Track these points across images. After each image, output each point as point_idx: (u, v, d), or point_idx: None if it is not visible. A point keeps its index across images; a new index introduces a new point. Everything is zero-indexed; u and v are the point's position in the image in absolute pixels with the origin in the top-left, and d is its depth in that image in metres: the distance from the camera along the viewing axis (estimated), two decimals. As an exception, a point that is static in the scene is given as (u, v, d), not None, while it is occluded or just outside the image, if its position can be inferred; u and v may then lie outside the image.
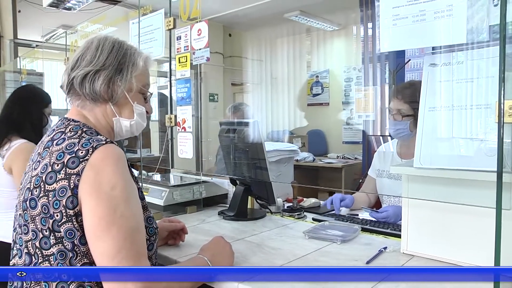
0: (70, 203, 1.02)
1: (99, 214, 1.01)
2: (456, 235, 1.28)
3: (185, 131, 2.05)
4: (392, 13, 1.28)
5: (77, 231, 1.03)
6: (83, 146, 1.07)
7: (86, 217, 1.03)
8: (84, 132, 1.14)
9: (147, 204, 1.27)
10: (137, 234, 1.06)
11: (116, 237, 1.01)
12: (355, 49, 5.93)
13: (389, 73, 4.78)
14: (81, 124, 1.18)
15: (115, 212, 1.02)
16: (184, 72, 2.07)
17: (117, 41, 1.24)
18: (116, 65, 1.20)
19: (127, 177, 1.09)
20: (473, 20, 1.14)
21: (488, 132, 1.18)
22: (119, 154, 1.10)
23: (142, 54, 1.27)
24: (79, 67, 1.19)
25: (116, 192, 1.03)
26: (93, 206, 1.02)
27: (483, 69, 1.22)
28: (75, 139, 1.11)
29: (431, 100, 1.32)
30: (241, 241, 1.61)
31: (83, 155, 1.05)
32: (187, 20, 2.04)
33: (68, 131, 1.15)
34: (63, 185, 1.03)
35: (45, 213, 1.05)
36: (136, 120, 1.28)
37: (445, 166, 1.24)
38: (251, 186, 2.01)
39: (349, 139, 6.22)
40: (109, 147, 1.09)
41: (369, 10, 5.14)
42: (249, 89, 7.30)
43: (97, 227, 1.02)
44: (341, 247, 1.52)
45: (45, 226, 1.05)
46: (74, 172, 1.03)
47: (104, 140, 1.10)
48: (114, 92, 1.20)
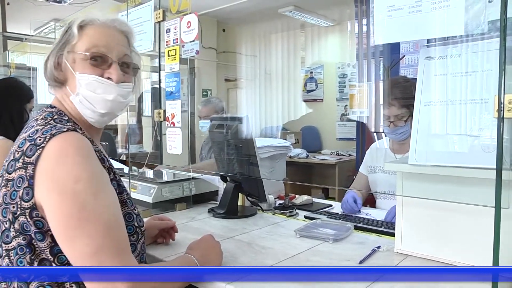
0: (25, 195, 0.95)
1: (67, 212, 0.93)
2: (452, 234, 1.24)
3: (174, 126, 1.99)
4: (387, 3, 1.23)
5: (31, 226, 0.96)
6: (43, 133, 0.99)
7: (52, 216, 0.95)
8: (53, 119, 1.07)
9: (132, 200, 1.20)
10: (115, 228, 0.99)
11: (92, 234, 0.93)
12: (350, 45, 5.90)
13: (383, 69, 4.74)
14: (54, 111, 1.11)
15: (85, 208, 0.94)
16: (173, 65, 2.01)
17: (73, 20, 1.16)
18: (61, 43, 1.14)
19: (93, 167, 1.00)
20: (471, 12, 1.09)
21: (486, 128, 1.14)
22: (80, 143, 1.01)
23: (78, 20, 1.15)
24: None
25: (80, 185, 0.95)
26: (58, 203, 0.94)
27: (481, 62, 1.18)
28: (40, 126, 1.03)
29: (427, 94, 1.28)
30: (231, 239, 1.57)
31: (40, 142, 0.97)
32: (176, 12, 1.99)
33: (40, 119, 1.08)
34: (20, 174, 0.96)
35: (6, 204, 0.98)
36: (82, 92, 1.11)
37: (441, 163, 1.19)
38: (242, 183, 1.96)
39: (343, 136, 6.20)
40: (70, 135, 1.00)
41: (364, 6, 5.09)
42: (242, 85, 7.26)
43: (67, 226, 0.94)
44: (333, 246, 1.47)
45: (6, 218, 0.99)
46: (30, 161, 0.96)
47: (67, 128, 1.02)
48: (59, 70, 1.13)
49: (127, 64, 1.19)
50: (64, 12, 4.13)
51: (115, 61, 1.14)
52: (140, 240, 1.17)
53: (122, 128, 5.22)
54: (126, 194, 1.18)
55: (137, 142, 5.67)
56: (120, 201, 1.11)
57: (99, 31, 1.15)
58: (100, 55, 1.12)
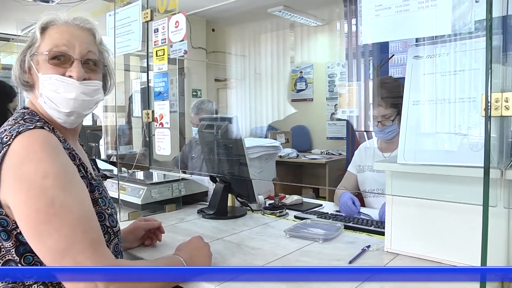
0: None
1: (35, 207, 0.91)
2: (441, 233, 1.24)
3: (162, 126, 1.98)
4: (375, 3, 1.22)
5: (7, 224, 0.94)
6: (10, 131, 0.98)
7: (19, 213, 0.93)
8: (23, 119, 1.06)
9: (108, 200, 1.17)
10: (87, 221, 0.97)
11: (61, 229, 0.91)
12: (339, 45, 5.91)
13: (373, 68, 4.75)
14: (26, 112, 1.11)
15: (54, 203, 0.92)
16: (161, 65, 2.00)
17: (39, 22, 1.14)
18: (27, 45, 1.13)
19: (60, 163, 0.99)
20: (458, 11, 1.10)
21: (473, 127, 1.14)
22: (46, 139, 0.99)
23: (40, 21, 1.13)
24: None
25: (48, 181, 0.93)
26: (25, 200, 0.92)
27: (469, 61, 1.19)
28: (9, 126, 1.02)
29: (415, 93, 1.28)
30: (220, 240, 1.56)
31: (6, 140, 0.96)
32: (164, 12, 1.97)
33: (12, 119, 1.07)
34: None
35: None
36: (45, 93, 1.10)
37: (429, 162, 1.20)
38: (232, 184, 1.95)
39: (333, 135, 6.21)
40: (36, 132, 0.99)
41: (353, 6, 5.10)
42: (232, 85, 7.25)
43: (36, 222, 0.91)
44: (323, 246, 1.47)
45: None
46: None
47: (34, 125, 1.01)
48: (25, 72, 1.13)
49: (93, 61, 1.16)
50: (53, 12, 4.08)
51: (77, 58, 1.11)
52: (112, 241, 1.14)
53: (112, 129, 5.18)
54: (99, 193, 1.15)
55: (127, 143, 5.63)
56: (92, 200, 1.08)
57: (60, 30, 1.13)
58: (61, 54, 1.10)
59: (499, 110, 0.89)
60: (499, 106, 0.89)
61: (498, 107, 0.89)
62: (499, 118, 0.91)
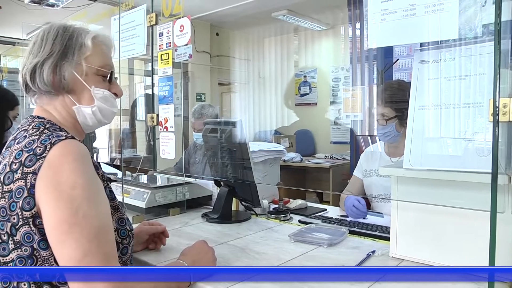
0: (26, 204, 0.95)
1: (60, 217, 0.94)
2: (447, 239, 1.23)
3: (167, 130, 1.98)
4: (380, 7, 1.22)
5: (35, 235, 0.96)
6: (41, 142, 1.00)
7: (47, 221, 0.95)
8: (46, 129, 1.08)
9: (125, 205, 1.20)
10: (104, 235, 0.99)
11: (79, 239, 0.93)
12: (343, 49, 5.91)
13: (377, 73, 4.75)
14: (45, 121, 1.11)
15: (77, 213, 0.94)
16: (166, 69, 2.00)
17: (62, 26, 1.15)
18: (61, 50, 1.12)
19: (89, 174, 1.02)
20: (465, 15, 1.09)
21: (480, 132, 1.13)
22: (79, 150, 1.02)
23: (92, 33, 1.18)
24: (28, 62, 1.13)
25: (77, 191, 0.95)
26: (53, 208, 0.94)
27: (475, 66, 1.18)
28: (35, 136, 1.04)
29: (421, 98, 1.28)
30: (225, 245, 1.55)
31: (41, 152, 0.98)
32: (169, 16, 1.98)
33: (31, 129, 1.08)
34: (19, 185, 0.96)
35: (3, 216, 0.98)
36: (98, 105, 1.17)
37: (436, 167, 1.19)
38: (236, 188, 1.95)
39: (337, 139, 6.20)
40: (69, 143, 1.01)
41: (357, 10, 5.11)
42: (236, 89, 7.24)
43: (59, 230, 0.94)
44: (327, 251, 1.46)
45: (3, 230, 0.98)
46: (30, 171, 0.96)
47: (65, 135, 1.03)
48: (62, 78, 1.12)
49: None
50: (57, 16, 4.10)
51: (116, 77, 1.24)
52: (131, 243, 1.18)
53: (116, 132, 5.19)
54: (117, 200, 1.18)
55: (131, 147, 5.64)
56: (113, 207, 1.12)
57: (108, 48, 1.22)
58: (110, 72, 1.20)
59: (507, 116, 0.89)
60: (507, 112, 0.88)
61: (506, 112, 0.88)
62: (507, 123, 0.91)
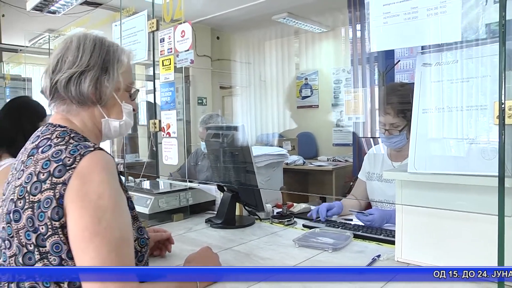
0: (55, 214, 0.95)
1: (83, 225, 0.94)
2: (453, 243, 1.22)
3: (169, 136, 1.98)
4: (382, 11, 1.22)
5: (64, 244, 0.95)
6: (70, 153, 0.99)
7: (70, 228, 0.95)
8: (71, 138, 1.07)
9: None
10: (124, 246, 0.99)
11: (99, 249, 0.93)
12: (344, 51, 5.91)
13: (378, 74, 4.74)
14: (68, 130, 1.10)
15: (100, 223, 0.94)
16: (168, 75, 2.00)
17: (97, 38, 1.16)
18: (101, 64, 1.12)
19: (116, 186, 1.02)
20: (468, 17, 1.09)
21: (485, 135, 1.13)
22: (108, 161, 1.02)
23: (124, 50, 1.20)
24: (62, 69, 1.10)
25: (103, 201, 0.96)
26: (77, 216, 0.95)
27: (479, 68, 1.17)
28: (62, 146, 1.03)
29: (424, 101, 1.27)
30: (229, 250, 1.55)
31: (70, 163, 0.97)
32: (170, 21, 1.98)
33: (55, 138, 1.07)
34: (48, 195, 0.96)
35: (30, 226, 0.97)
36: (126, 120, 1.21)
37: (441, 171, 1.18)
38: (239, 193, 1.94)
39: (339, 141, 6.19)
40: (98, 154, 1.01)
41: (357, 12, 5.10)
42: (237, 92, 7.25)
43: (81, 239, 0.94)
44: (332, 256, 1.45)
45: (30, 240, 0.97)
46: (60, 181, 0.96)
47: (92, 146, 1.03)
48: (102, 94, 1.13)
49: None
50: (59, 23, 4.10)
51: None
52: (147, 251, 1.18)
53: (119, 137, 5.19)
54: (135, 209, 1.19)
55: (133, 152, 5.64)
56: (132, 217, 1.12)
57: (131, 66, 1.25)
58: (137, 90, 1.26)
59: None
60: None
61: (511, 115, 0.88)
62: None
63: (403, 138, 1.94)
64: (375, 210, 1.86)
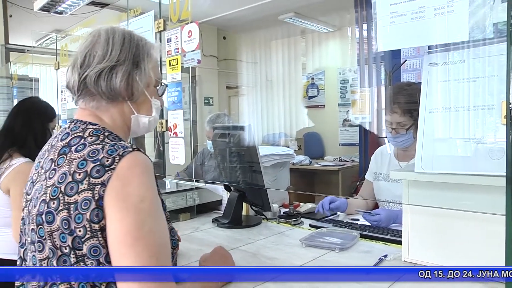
0: (95, 217, 0.92)
1: (125, 229, 0.91)
2: (460, 243, 1.22)
3: (176, 136, 1.98)
4: (389, 10, 1.22)
5: (103, 248, 0.93)
6: (108, 153, 0.96)
7: (111, 232, 0.92)
8: (106, 137, 1.03)
9: None
10: (163, 250, 0.97)
11: (141, 254, 0.91)
12: (351, 51, 5.89)
13: (385, 74, 4.72)
14: (100, 128, 1.06)
15: (143, 227, 0.92)
16: (175, 75, 2.01)
17: (126, 32, 1.12)
18: (132, 59, 1.09)
19: (155, 189, 1.00)
20: (475, 16, 1.08)
21: (492, 135, 1.12)
22: (146, 163, 1.00)
23: (153, 44, 1.17)
24: (91, 64, 1.06)
25: (145, 205, 0.94)
26: (119, 220, 0.92)
27: (486, 68, 1.17)
28: (97, 145, 0.99)
29: (432, 101, 1.27)
30: (236, 250, 1.55)
31: (109, 163, 0.94)
32: (177, 21, 1.99)
33: (88, 136, 1.03)
34: (86, 196, 0.92)
35: (65, 228, 0.93)
36: (154, 116, 1.19)
37: (448, 171, 1.18)
38: (246, 192, 1.95)
39: (345, 141, 6.17)
40: (137, 155, 0.98)
41: (364, 11, 5.09)
42: (244, 92, 7.25)
43: (122, 243, 0.91)
44: (339, 256, 1.46)
45: (65, 243, 0.94)
46: (98, 182, 0.93)
47: (130, 146, 1.00)
48: (134, 89, 1.10)
49: None
50: (65, 23, 4.12)
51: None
52: (176, 253, 1.17)
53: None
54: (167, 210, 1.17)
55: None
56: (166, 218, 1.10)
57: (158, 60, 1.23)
58: (166, 85, 1.24)
59: (520, 118, 0.87)
60: (520, 114, 0.87)
61: (519, 115, 0.87)
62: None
63: (409, 137, 1.94)
64: (381, 210, 1.85)
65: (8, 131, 2.09)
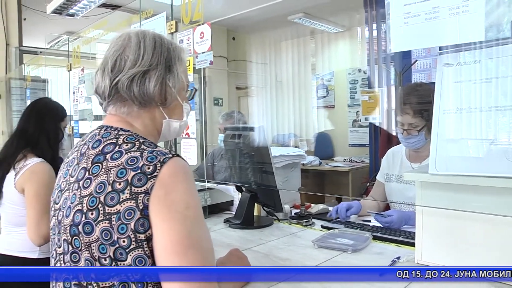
0: (140, 226, 0.89)
1: (174, 238, 0.89)
2: (474, 245, 1.21)
3: (188, 137, 1.99)
4: (403, 11, 1.22)
5: (148, 258, 0.90)
6: (148, 160, 0.93)
7: (158, 241, 0.90)
8: (142, 144, 0.99)
9: None
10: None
11: (192, 262, 0.90)
12: (360, 51, 5.87)
13: (395, 74, 4.70)
14: (133, 134, 1.03)
15: (191, 235, 0.91)
16: (187, 76, 2.01)
17: (156, 36, 1.10)
18: (164, 63, 1.06)
19: (197, 193, 0.99)
20: (491, 16, 1.07)
21: (508, 136, 1.11)
22: (187, 168, 0.98)
23: (182, 47, 1.15)
24: (122, 69, 1.04)
25: (190, 212, 0.92)
26: (167, 229, 0.89)
27: (500, 68, 1.16)
28: (135, 152, 0.96)
29: (445, 102, 1.26)
30: (248, 251, 1.55)
31: (151, 171, 0.92)
32: (189, 23, 1.99)
33: (123, 143, 0.99)
34: (129, 206, 0.90)
35: (105, 239, 0.90)
36: (185, 121, 1.18)
37: (463, 172, 1.17)
38: (258, 193, 1.95)
39: (355, 142, 6.15)
40: (177, 161, 0.96)
41: (374, 11, 5.07)
42: (253, 93, 7.26)
43: (171, 252, 0.89)
44: (352, 257, 1.45)
45: (105, 254, 0.91)
46: (141, 191, 0.90)
47: (169, 152, 0.98)
48: (168, 94, 1.07)
49: None
50: (77, 25, 4.17)
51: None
52: None
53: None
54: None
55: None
56: None
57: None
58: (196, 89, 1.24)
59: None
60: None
61: (536, 116, 0.87)
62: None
63: (421, 138, 1.92)
64: (393, 212, 1.85)
65: (22, 133, 2.11)
